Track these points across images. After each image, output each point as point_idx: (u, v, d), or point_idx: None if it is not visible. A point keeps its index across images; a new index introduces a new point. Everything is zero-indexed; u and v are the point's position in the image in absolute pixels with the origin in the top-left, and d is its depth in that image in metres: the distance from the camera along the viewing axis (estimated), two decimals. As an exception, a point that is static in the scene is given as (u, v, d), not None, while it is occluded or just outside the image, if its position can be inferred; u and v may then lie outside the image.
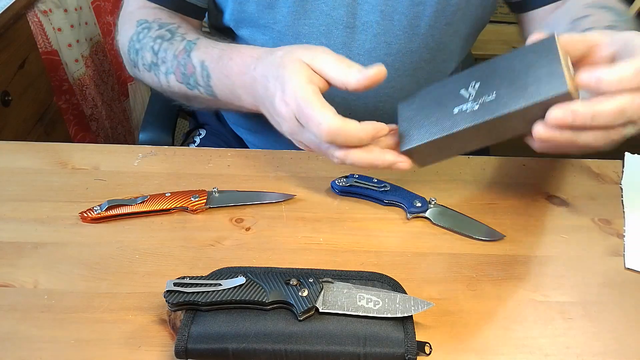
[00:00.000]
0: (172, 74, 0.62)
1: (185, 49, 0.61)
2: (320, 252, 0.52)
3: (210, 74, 0.59)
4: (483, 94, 0.46)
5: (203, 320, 0.42)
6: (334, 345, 0.41)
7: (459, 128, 0.46)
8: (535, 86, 0.43)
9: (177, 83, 0.63)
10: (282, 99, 0.50)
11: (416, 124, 0.50)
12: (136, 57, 0.66)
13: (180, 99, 0.67)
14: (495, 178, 0.62)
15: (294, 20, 0.66)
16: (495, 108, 0.45)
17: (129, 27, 0.68)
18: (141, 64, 0.66)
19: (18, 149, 0.63)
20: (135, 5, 0.70)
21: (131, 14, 0.69)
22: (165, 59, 0.63)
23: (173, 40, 0.64)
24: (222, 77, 0.58)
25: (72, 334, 0.44)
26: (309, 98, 0.47)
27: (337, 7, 0.64)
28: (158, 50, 0.63)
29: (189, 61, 0.61)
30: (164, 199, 0.55)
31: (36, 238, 0.52)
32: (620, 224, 0.57)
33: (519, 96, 0.44)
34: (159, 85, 0.66)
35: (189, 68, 0.60)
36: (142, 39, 0.65)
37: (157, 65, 0.64)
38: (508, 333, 0.46)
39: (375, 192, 0.58)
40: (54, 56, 1.18)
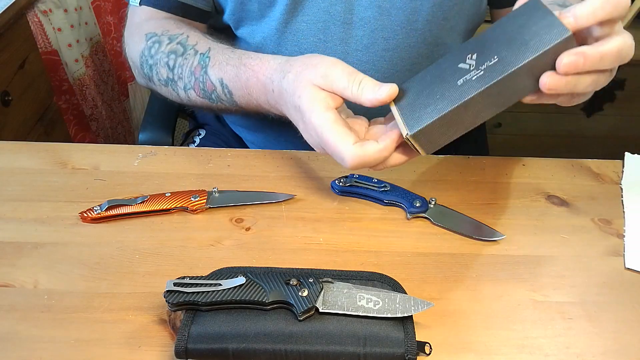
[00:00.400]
0: (191, 89, 0.63)
1: (201, 65, 0.61)
2: (320, 252, 0.52)
3: (232, 92, 0.60)
4: (484, 61, 0.46)
5: (203, 320, 0.42)
6: (334, 345, 0.41)
7: (470, 95, 0.46)
8: (537, 39, 0.44)
9: (199, 98, 0.63)
10: (305, 130, 0.52)
11: (420, 106, 0.48)
12: (150, 72, 0.66)
13: (193, 106, 0.67)
14: (495, 178, 0.62)
15: (292, 17, 0.66)
16: (502, 68, 0.45)
17: (138, 40, 0.67)
18: (156, 79, 0.66)
19: (18, 149, 0.63)
20: (142, 16, 0.69)
21: (139, 27, 0.69)
22: (182, 75, 0.63)
23: (186, 55, 0.63)
24: (244, 94, 0.59)
25: (72, 334, 0.44)
26: (329, 130, 0.48)
27: (335, 3, 0.65)
28: (173, 66, 0.63)
29: (207, 78, 0.61)
30: (164, 199, 0.55)
31: (36, 238, 0.52)
32: (620, 224, 0.57)
33: (523, 51, 0.44)
34: (178, 98, 0.66)
35: (208, 85, 0.61)
36: (155, 55, 0.65)
37: (174, 81, 0.64)
38: (508, 333, 0.46)
39: (375, 192, 0.58)
40: (54, 56, 1.18)
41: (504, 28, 0.47)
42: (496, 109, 0.48)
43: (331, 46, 0.67)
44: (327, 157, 0.63)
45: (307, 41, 0.67)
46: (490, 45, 0.47)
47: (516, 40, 0.45)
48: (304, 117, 0.50)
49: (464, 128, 0.49)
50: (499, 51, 0.46)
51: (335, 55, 0.52)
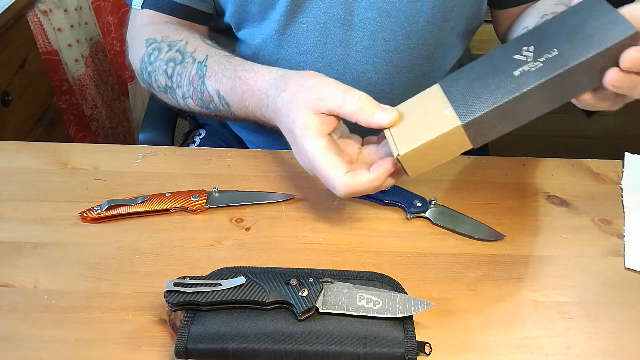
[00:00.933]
0: (190, 98, 0.63)
1: (198, 74, 0.61)
2: (320, 252, 0.52)
3: (229, 103, 0.60)
4: (543, 53, 0.45)
5: (203, 320, 0.42)
6: (334, 345, 0.41)
7: (528, 87, 0.44)
8: (600, 34, 0.43)
9: (197, 107, 0.63)
10: (297, 153, 0.52)
11: (473, 95, 0.46)
12: (150, 79, 0.66)
13: (204, 116, 0.67)
14: (495, 178, 0.62)
15: (292, 19, 0.66)
16: (563, 61, 0.44)
17: (138, 46, 0.67)
18: (156, 86, 0.66)
19: (18, 149, 0.63)
20: (144, 20, 0.69)
21: (139, 31, 0.68)
22: (181, 84, 0.63)
23: (184, 64, 0.63)
24: (241, 107, 0.59)
25: (72, 334, 0.44)
26: (320, 158, 0.49)
27: (334, 5, 0.64)
28: (171, 74, 0.64)
29: (205, 89, 0.61)
30: (164, 199, 0.55)
31: (36, 238, 0.52)
32: (620, 224, 0.57)
33: (585, 46, 0.43)
34: (177, 105, 0.66)
35: (206, 95, 0.61)
36: (154, 62, 0.65)
37: (172, 89, 0.64)
38: (508, 333, 0.46)
39: (375, 192, 0.57)
40: (54, 56, 1.18)
41: (563, 22, 0.46)
42: (551, 104, 0.46)
43: (331, 47, 0.67)
44: (327, 157, 0.63)
45: (307, 43, 0.67)
46: (549, 38, 0.46)
47: (578, 35, 0.44)
48: (297, 141, 0.51)
49: (515, 123, 0.47)
50: (559, 44, 0.45)
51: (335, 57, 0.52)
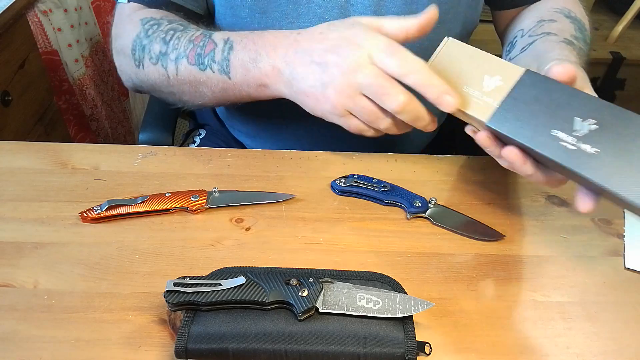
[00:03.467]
0: (184, 57, 0.61)
1: (203, 34, 0.61)
2: (320, 252, 0.53)
3: (233, 46, 0.58)
4: (588, 141, 0.43)
5: (203, 320, 0.42)
6: (334, 345, 0.41)
7: (542, 152, 0.44)
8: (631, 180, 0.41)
9: (188, 66, 0.61)
10: (352, 43, 0.52)
11: (519, 111, 0.46)
12: (142, 53, 0.64)
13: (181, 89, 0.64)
14: (495, 178, 0.62)
15: (287, 24, 0.65)
16: (587, 167, 0.42)
17: (131, 28, 0.65)
18: (147, 59, 0.64)
19: (18, 149, 0.63)
20: (131, 10, 0.68)
21: (130, 17, 0.67)
22: (178, 45, 0.61)
23: (187, 30, 0.62)
24: (248, 43, 0.58)
25: (72, 334, 0.44)
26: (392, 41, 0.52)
27: (330, 10, 0.64)
28: (170, 39, 0.62)
29: (209, 40, 0.60)
30: (164, 199, 0.55)
31: (36, 238, 0.52)
32: (620, 224, 0.57)
33: (622, 184, 0.41)
34: (164, 77, 0.63)
35: (208, 46, 0.60)
36: (151, 35, 0.63)
37: (166, 54, 0.62)
38: (508, 333, 0.46)
39: (375, 192, 0.58)
40: (54, 56, 1.18)
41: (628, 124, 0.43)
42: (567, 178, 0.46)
43: None
44: (327, 157, 0.64)
45: None
46: (612, 133, 0.43)
47: (629, 165, 0.41)
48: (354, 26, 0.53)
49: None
50: (606, 149, 0.42)
51: None
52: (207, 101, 0.64)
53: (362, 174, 0.59)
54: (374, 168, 0.63)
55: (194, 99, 0.65)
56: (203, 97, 0.64)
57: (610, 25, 1.63)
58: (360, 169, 0.62)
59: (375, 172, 0.61)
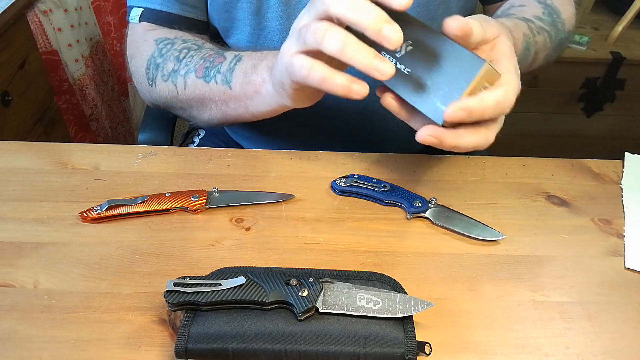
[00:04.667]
0: (192, 72, 0.61)
1: (217, 52, 0.61)
2: (320, 252, 0.52)
3: (242, 58, 0.59)
4: (404, 62, 0.47)
5: (203, 320, 0.42)
6: (334, 345, 0.41)
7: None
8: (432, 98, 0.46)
9: (195, 80, 0.61)
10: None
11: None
12: (155, 72, 0.65)
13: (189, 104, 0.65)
14: (495, 178, 0.62)
15: (280, 26, 0.65)
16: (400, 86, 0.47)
17: (146, 48, 0.66)
18: (160, 76, 0.64)
19: (18, 149, 0.63)
20: (144, 29, 0.68)
21: (143, 37, 0.67)
22: (189, 63, 0.62)
23: (202, 49, 0.63)
24: (257, 55, 0.58)
25: (72, 334, 0.44)
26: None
27: None
28: (183, 57, 0.63)
29: (220, 56, 0.60)
30: (164, 199, 0.55)
31: (36, 238, 0.52)
32: (620, 224, 0.57)
33: (418, 95, 0.46)
34: (173, 93, 0.64)
35: (216, 60, 0.60)
36: (165, 54, 0.64)
37: (177, 71, 0.63)
38: (508, 333, 0.46)
39: (375, 192, 0.58)
40: (54, 56, 1.18)
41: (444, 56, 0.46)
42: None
43: None
44: (327, 157, 0.64)
45: None
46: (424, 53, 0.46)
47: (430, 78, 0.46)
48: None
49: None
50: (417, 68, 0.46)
51: None
52: (213, 116, 0.65)
53: (362, 174, 0.59)
54: (374, 168, 0.63)
55: (201, 113, 0.65)
56: (209, 112, 0.64)
57: (610, 25, 1.63)
58: (360, 169, 0.62)
59: (375, 172, 0.61)
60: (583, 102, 1.65)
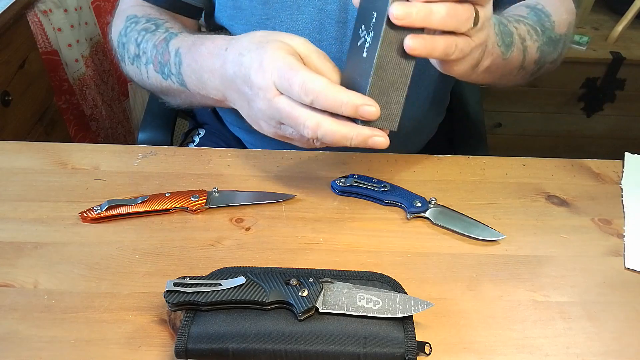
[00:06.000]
0: (151, 63, 0.62)
1: (165, 39, 0.61)
2: (320, 252, 0.53)
3: (182, 61, 0.58)
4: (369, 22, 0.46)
5: (203, 320, 0.42)
6: (334, 345, 0.41)
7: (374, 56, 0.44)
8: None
9: (154, 73, 0.62)
10: (259, 69, 0.47)
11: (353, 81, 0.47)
12: (123, 51, 0.66)
13: (158, 92, 0.66)
14: (495, 178, 0.62)
15: (287, 16, 0.66)
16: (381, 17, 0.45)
17: (119, 23, 0.68)
18: (127, 57, 0.66)
19: (18, 149, 0.63)
20: (129, 3, 0.70)
21: (123, 12, 0.69)
22: (146, 50, 0.63)
23: (156, 32, 0.63)
24: (191, 62, 0.57)
25: (72, 334, 0.44)
26: (292, 62, 0.45)
27: (330, 2, 0.65)
28: (140, 41, 0.63)
29: (166, 49, 0.60)
30: (164, 199, 0.55)
31: (36, 238, 0.52)
32: (620, 224, 0.57)
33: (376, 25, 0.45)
34: (140, 78, 0.66)
35: (165, 56, 0.60)
36: (129, 33, 0.65)
37: (138, 56, 0.64)
38: (508, 333, 0.46)
39: (375, 192, 0.58)
40: (54, 56, 1.18)
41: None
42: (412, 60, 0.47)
43: (327, 45, 0.67)
44: (327, 157, 0.64)
45: None
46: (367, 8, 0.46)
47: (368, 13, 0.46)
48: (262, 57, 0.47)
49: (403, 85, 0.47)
50: (375, 7, 0.45)
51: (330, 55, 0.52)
52: (180, 103, 0.66)
53: (362, 174, 0.59)
54: (374, 168, 0.63)
55: (169, 100, 0.67)
56: (176, 100, 0.65)
57: (610, 25, 1.62)
58: (360, 169, 0.62)
59: (375, 172, 0.61)
60: (583, 102, 1.65)
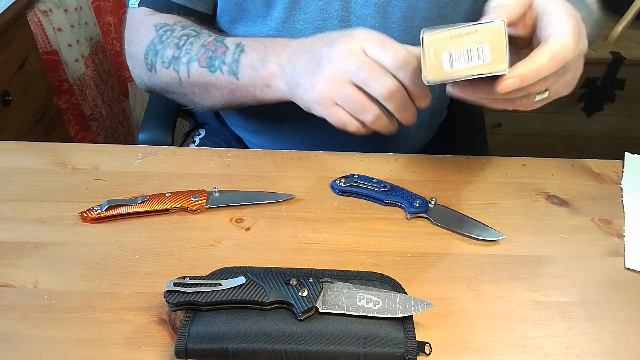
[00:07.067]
0: (195, 61, 0.63)
1: (217, 39, 0.62)
2: (320, 252, 0.52)
3: (245, 49, 0.60)
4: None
5: (203, 320, 0.42)
6: (334, 345, 0.41)
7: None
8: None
9: (199, 69, 0.63)
10: (348, 35, 0.54)
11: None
12: (155, 58, 0.65)
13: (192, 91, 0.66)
14: (495, 178, 0.62)
15: (289, 16, 0.66)
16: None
17: (145, 34, 0.67)
18: (160, 63, 0.65)
19: (18, 149, 0.63)
20: (143, 15, 0.69)
21: (142, 22, 0.68)
22: (190, 50, 0.63)
23: (200, 36, 0.64)
24: (259, 46, 0.60)
25: (72, 334, 0.44)
26: (387, 37, 0.53)
27: (332, 2, 0.65)
28: (183, 45, 0.64)
29: (221, 45, 0.62)
30: (164, 199, 0.55)
31: (36, 238, 0.52)
32: (620, 224, 0.57)
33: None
34: (175, 80, 0.65)
35: (219, 50, 0.61)
36: (165, 40, 0.65)
37: (178, 58, 0.64)
38: (508, 333, 0.46)
39: (375, 192, 0.58)
40: (54, 56, 1.18)
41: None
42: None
43: None
44: (327, 157, 0.64)
45: None
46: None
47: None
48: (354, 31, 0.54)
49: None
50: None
51: None
52: (217, 102, 0.66)
53: (362, 174, 0.59)
54: (374, 168, 0.63)
55: (204, 100, 0.67)
56: (213, 99, 0.65)
57: (610, 25, 1.62)
58: (360, 169, 0.62)
59: (375, 172, 0.61)
60: (583, 102, 1.65)
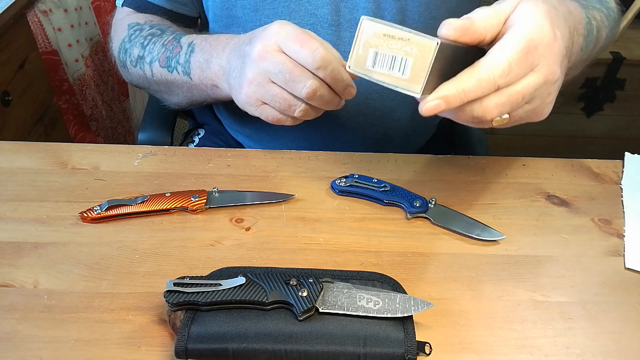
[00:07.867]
0: (156, 60, 0.64)
1: (175, 38, 0.64)
2: (320, 252, 0.53)
3: (194, 49, 0.61)
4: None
5: (203, 320, 0.42)
6: (334, 345, 0.41)
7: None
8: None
9: (159, 69, 0.64)
10: (265, 29, 0.52)
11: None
12: (125, 56, 0.68)
13: (159, 91, 0.69)
14: (495, 178, 0.62)
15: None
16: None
17: (120, 32, 0.70)
18: (129, 61, 0.68)
19: (18, 149, 0.63)
20: (124, 14, 0.72)
21: (122, 21, 0.71)
22: (152, 50, 0.65)
23: (163, 35, 0.65)
24: (205, 45, 0.60)
25: (72, 334, 0.44)
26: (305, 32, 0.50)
27: (321, 6, 0.65)
28: (147, 44, 0.65)
29: (177, 44, 0.63)
30: (164, 199, 0.55)
31: (36, 238, 0.52)
32: (620, 224, 0.57)
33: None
34: (143, 78, 0.68)
35: (175, 50, 0.62)
36: (134, 39, 0.67)
37: (142, 57, 0.66)
38: (508, 333, 0.46)
39: (375, 192, 0.58)
40: (54, 56, 1.18)
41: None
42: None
43: None
44: (327, 157, 0.64)
45: None
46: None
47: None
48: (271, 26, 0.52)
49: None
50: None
51: None
52: (181, 100, 0.68)
53: (362, 174, 0.59)
54: (374, 168, 0.63)
55: (170, 97, 0.69)
56: (177, 96, 0.68)
57: (610, 25, 1.62)
58: (360, 169, 0.62)
59: (375, 172, 0.61)
60: (583, 102, 1.65)
